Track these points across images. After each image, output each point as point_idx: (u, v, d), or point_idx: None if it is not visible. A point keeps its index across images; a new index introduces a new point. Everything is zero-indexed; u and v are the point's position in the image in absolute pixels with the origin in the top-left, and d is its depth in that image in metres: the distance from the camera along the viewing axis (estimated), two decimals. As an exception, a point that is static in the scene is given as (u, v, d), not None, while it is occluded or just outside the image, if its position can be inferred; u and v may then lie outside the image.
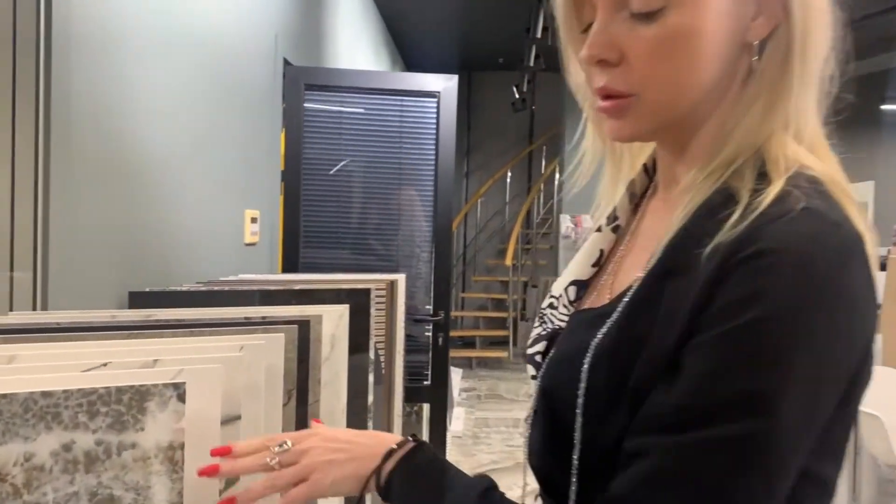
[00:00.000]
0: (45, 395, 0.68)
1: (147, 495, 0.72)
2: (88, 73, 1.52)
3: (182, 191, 1.99)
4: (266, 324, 1.18)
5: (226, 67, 2.28)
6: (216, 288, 1.79)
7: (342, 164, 3.11)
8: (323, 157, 3.07)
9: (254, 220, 2.57)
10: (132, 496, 0.72)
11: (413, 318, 3.05)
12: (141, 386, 0.72)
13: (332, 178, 3.08)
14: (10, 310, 1.45)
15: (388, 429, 2.55)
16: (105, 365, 0.85)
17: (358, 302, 2.00)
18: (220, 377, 0.82)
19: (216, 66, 2.20)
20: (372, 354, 2.11)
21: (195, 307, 1.39)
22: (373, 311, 2.07)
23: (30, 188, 1.44)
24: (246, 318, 1.29)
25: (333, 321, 1.46)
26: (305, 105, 2.99)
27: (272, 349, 1.06)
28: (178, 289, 1.71)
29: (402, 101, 3.06)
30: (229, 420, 0.90)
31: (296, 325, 1.19)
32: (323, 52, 3.75)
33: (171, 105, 1.91)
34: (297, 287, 1.94)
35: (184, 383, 0.75)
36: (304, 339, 1.30)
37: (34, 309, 1.45)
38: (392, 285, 2.38)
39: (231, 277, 2.18)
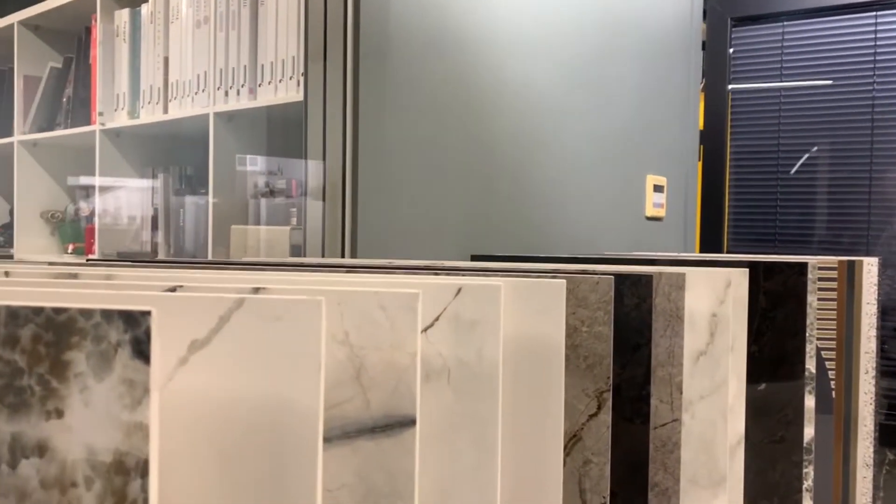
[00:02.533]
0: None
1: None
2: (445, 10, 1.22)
3: (559, 147, 1.59)
4: (565, 273, 0.68)
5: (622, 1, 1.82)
6: (578, 255, 1.34)
7: (805, 156, 2.36)
8: (757, 111, 2.37)
9: (658, 188, 2.05)
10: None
11: (893, 328, 2.13)
12: (58, 312, 0.32)
13: (769, 138, 2.36)
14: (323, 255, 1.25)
15: (846, 480, 1.75)
16: (174, 290, 0.47)
17: (784, 283, 1.35)
18: (304, 324, 0.37)
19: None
20: (812, 367, 1.41)
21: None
22: (812, 300, 1.38)
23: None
24: (555, 271, 0.81)
25: (713, 291, 0.87)
26: (733, 45, 2.34)
27: (532, 303, 0.56)
28: (526, 255, 1.32)
29: (875, 19, 2.17)
30: (373, 429, 0.44)
31: (611, 277, 0.66)
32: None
33: (548, 45, 1.53)
34: (692, 260, 1.35)
35: (146, 314, 0.32)
36: (632, 308, 0.76)
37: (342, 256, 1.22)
38: (850, 268, 1.61)
39: (618, 253, 1.70)
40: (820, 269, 1.52)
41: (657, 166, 2.05)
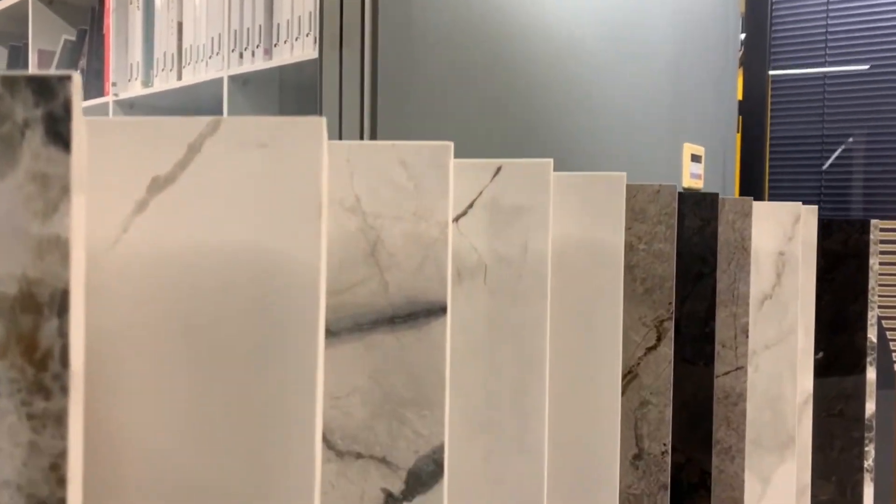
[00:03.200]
0: None
1: None
2: None
3: (592, 109, 1.49)
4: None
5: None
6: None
7: (840, 149, 2.23)
8: (800, 84, 2.24)
9: (696, 157, 1.93)
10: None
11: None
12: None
13: (813, 111, 2.23)
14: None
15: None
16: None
17: (845, 242, 1.23)
18: (299, 151, 0.28)
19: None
20: (872, 335, 1.29)
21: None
22: (874, 263, 1.26)
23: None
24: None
25: (780, 226, 0.77)
26: (774, 14, 2.22)
27: (585, 203, 0.46)
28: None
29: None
30: (392, 319, 0.35)
31: (673, 186, 0.56)
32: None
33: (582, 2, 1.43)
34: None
35: (65, 79, 0.22)
36: (694, 232, 0.66)
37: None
38: (912, 234, 1.48)
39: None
40: (882, 230, 1.40)
41: (694, 135, 1.93)
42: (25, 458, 0.22)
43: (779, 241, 0.77)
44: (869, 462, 1.28)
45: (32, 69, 2.38)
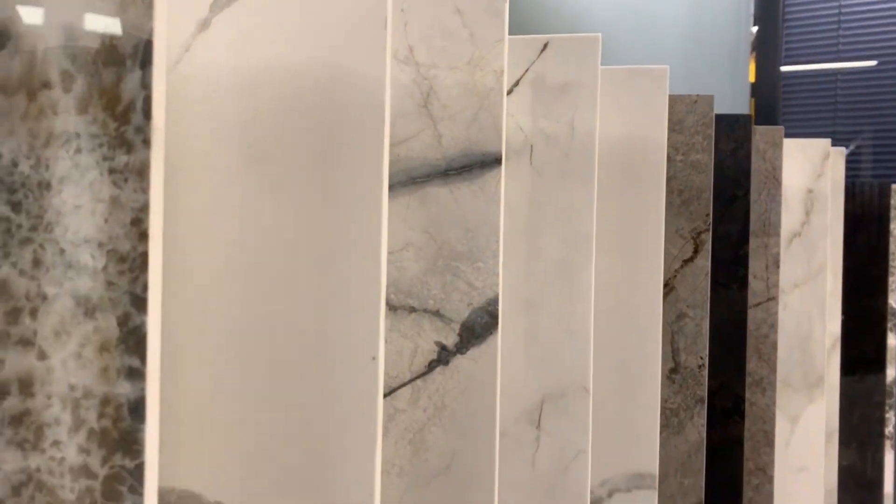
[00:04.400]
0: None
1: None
2: None
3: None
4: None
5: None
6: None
7: (854, 144, 2.23)
8: (811, 82, 2.24)
9: (709, 137, 1.93)
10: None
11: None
12: None
13: (824, 109, 2.23)
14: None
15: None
16: None
17: (864, 205, 1.23)
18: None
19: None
20: (893, 301, 1.29)
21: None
22: (895, 229, 1.26)
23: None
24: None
25: (809, 162, 0.76)
26: (786, 2, 2.21)
27: (626, 97, 0.46)
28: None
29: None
30: (446, 172, 0.34)
31: (711, 95, 0.55)
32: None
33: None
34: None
35: None
36: (727, 154, 0.65)
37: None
38: (930, 204, 1.48)
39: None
40: (900, 196, 1.39)
41: (708, 115, 1.93)
42: (107, 213, 0.22)
43: (807, 178, 0.76)
44: (889, 428, 1.27)
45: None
